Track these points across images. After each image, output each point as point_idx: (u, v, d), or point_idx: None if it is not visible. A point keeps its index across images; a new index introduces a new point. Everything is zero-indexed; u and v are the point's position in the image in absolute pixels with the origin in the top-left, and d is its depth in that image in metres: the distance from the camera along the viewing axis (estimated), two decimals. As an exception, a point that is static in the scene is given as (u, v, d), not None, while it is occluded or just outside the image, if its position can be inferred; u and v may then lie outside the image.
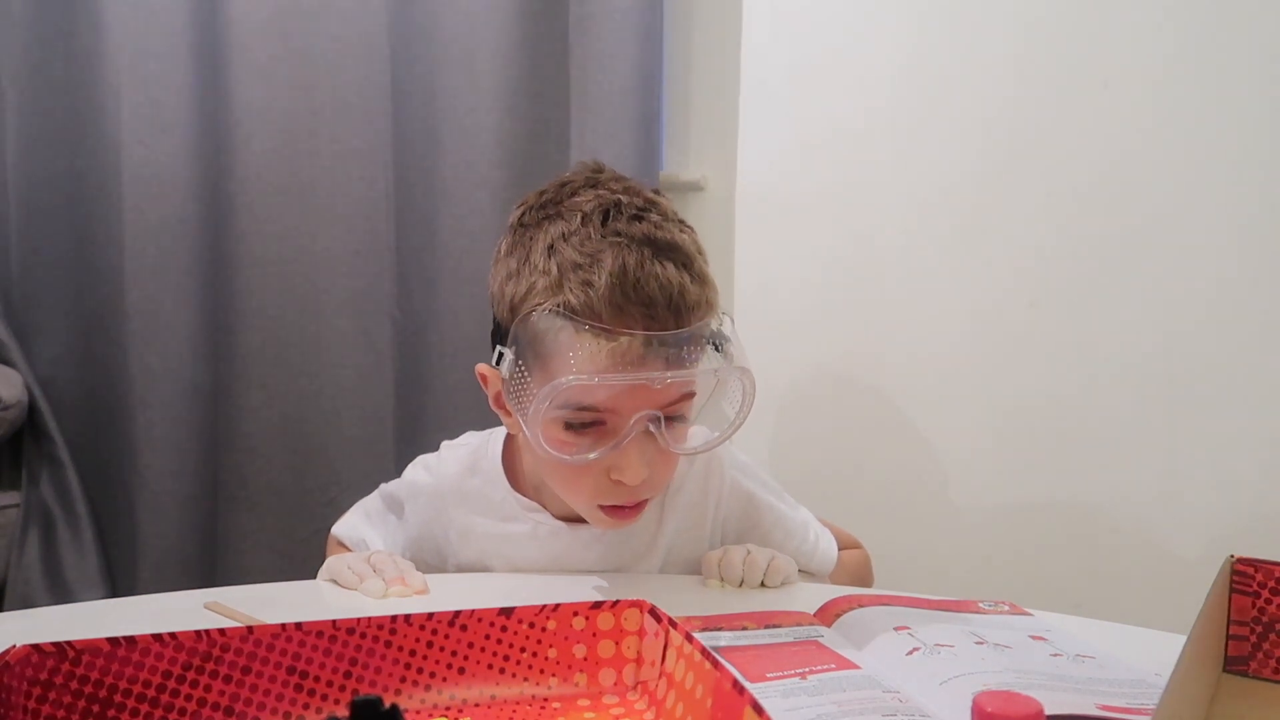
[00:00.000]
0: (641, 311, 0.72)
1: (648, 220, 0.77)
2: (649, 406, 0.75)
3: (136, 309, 1.52)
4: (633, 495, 0.79)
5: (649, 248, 0.74)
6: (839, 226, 1.58)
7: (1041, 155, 1.41)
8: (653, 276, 0.73)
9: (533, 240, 0.77)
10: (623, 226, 0.75)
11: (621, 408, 0.74)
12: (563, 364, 0.72)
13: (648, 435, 0.76)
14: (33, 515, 1.53)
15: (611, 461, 0.76)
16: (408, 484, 0.96)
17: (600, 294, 0.72)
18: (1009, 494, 1.47)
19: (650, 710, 0.56)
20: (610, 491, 0.78)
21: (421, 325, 1.65)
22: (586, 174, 0.83)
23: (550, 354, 0.73)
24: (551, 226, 0.77)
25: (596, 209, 0.77)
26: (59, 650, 0.49)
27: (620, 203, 0.77)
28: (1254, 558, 0.64)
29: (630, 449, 0.75)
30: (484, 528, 0.90)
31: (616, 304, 0.72)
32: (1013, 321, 1.44)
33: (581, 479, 0.78)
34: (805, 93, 1.60)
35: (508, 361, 0.75)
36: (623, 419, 0.75)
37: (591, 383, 0.71)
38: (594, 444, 0.76)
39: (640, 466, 0.76)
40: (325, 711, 0.53)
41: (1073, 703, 0.56)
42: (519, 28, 1.61)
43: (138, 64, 1.48)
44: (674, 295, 0.73)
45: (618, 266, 0.72)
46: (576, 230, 0.75)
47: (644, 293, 0.72)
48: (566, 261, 0.74)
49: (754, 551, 0.86)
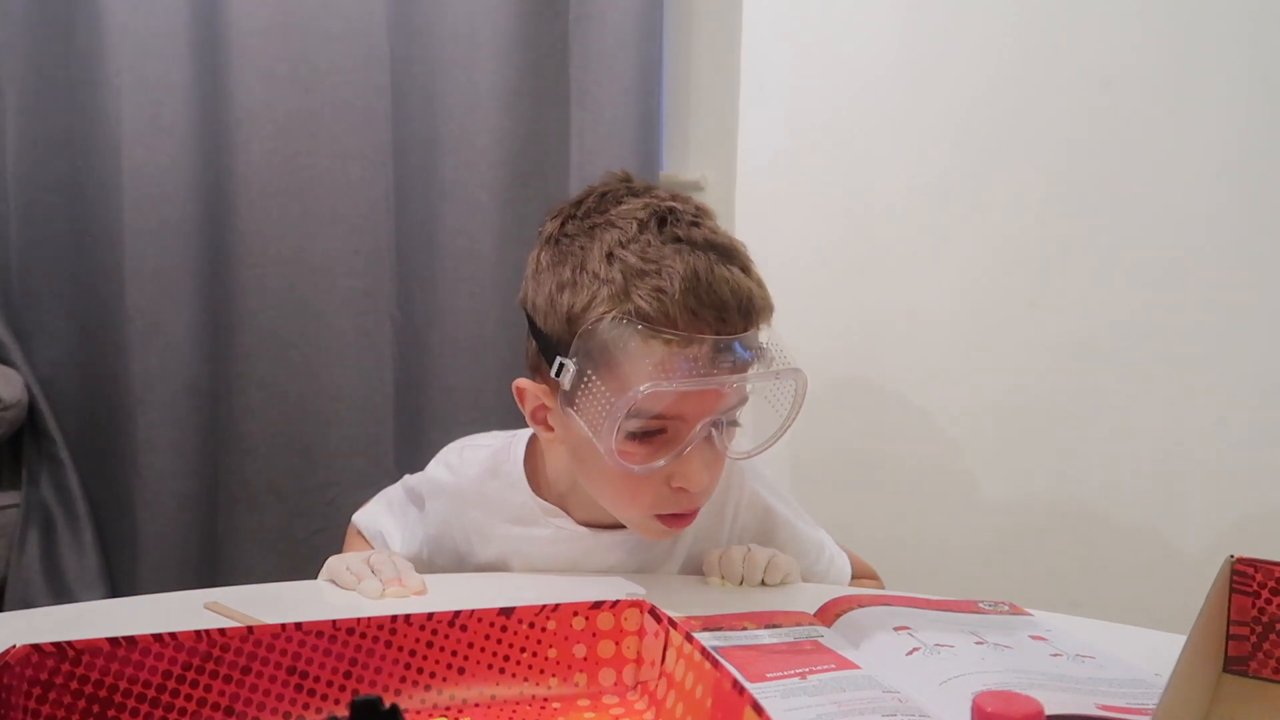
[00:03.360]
0: (714, 315, 0.73)
1: (704, 226, 0.77)
2: (715, 412, 0.75)
3: (136, 309, 1.52)
4: (692, 503, 0.79)
5: (713, 252, 0.74)
6: (839, 226, 1.57)
7: (1041, 155, 1.41)
8: (723, 280, 0.73)
9: (584, 250, 0.76)
10: (682, 232, 0.75)
11: (689, 414, 0.74)
12: (637, 372, 0.71)
13: (707, 441, 0.76)
14: (33, 515, 1.53)
15: (674, 469, 0.76)
16: (430, 480, 0.95)
17: (675, 299, 0.71)
18: (1009, 493, 1.47)
19: (650, 710, 0.56)
20: (670, 500, 0.78)
21: (421, 325, 1.65)
22: (620, 183, 0.82)
23: (621, 362, 0.72)
24: (604, 235, 0.76)
25: (651, 216, 0.76)
26: (59, 650, 0.49)
27: (675, 209, 0.77)
28: (1254, 558, 0.64)
29: (694, 456, 0.75)
30: (503, 531, 0.89)
31: (691, 309, 0.72)
32: (1012, 320, 1.44)
33: (642, 489, 0.78)
34: (805, 93, 1.60)
35: (571, 373, 0.73)
36: (688, 425, 0.74)
37: (676, 389, 0.71)
38: (656, 452, 0.75)
39: (703, 473, 0.76)
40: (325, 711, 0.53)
41: (1073, 703, 0.56)
42: (519, 28, 1.61)
43: (138, 64, 1.48)
44: (744, 299, 0.74)
45: (689, 272, 0.72)
46: (635, 238, 0.75)
47: (717, 297, 0.73)
48: (630, 269, 0.73)
49: (754, 550, 0.86)
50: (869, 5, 1.54)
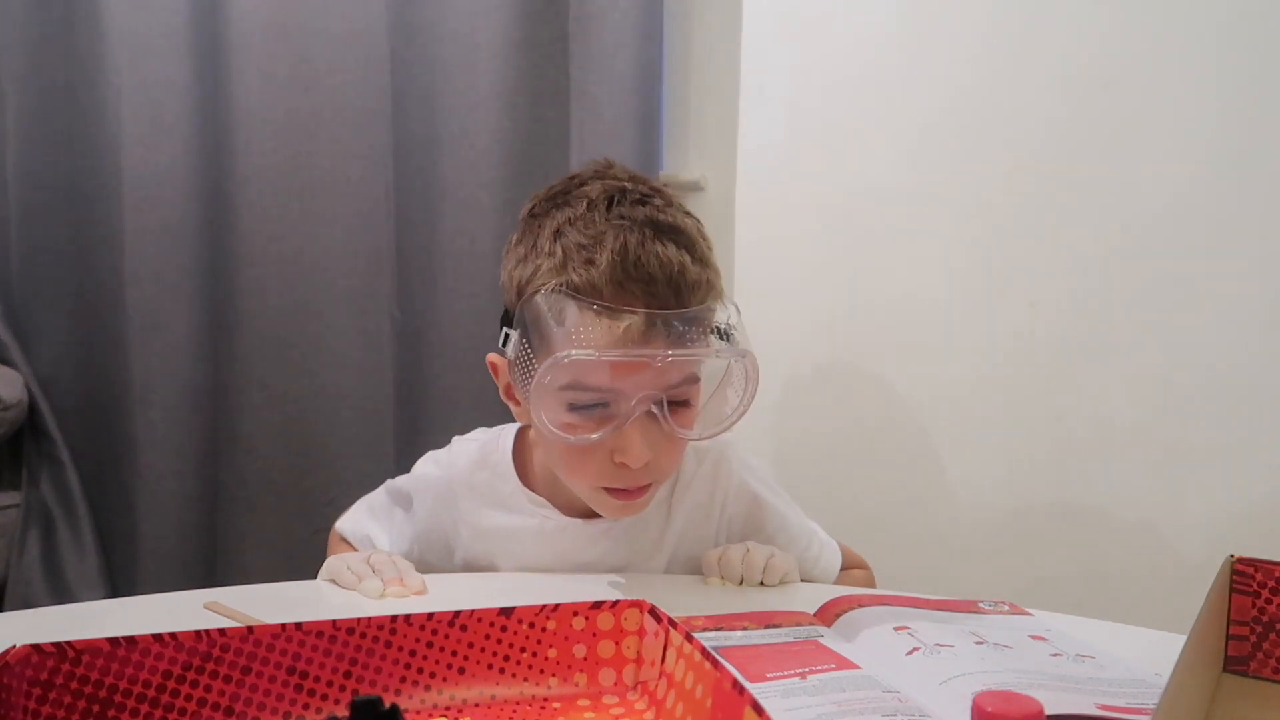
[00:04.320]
0: (642, 289, 0.73)
1: (651, 204, 0.78)
2: (651, 387, 0.75)
3: (137, 309, 1.52)
4: (635, 479, 0.79)
5: (650, 228, 0.75)
6: (838, 226, 1.58)
7: (1040, 154, 1.41)
8: (653, 255, 0.74)
9: (540, 227, 0.79)
10: (626, 210, 0.77)
11: (623, 387, 0.75)
12: (564, 341, 0.73)
13: (651, 418, 0.76)
14: (33, 515, 1.53)
15: (615, 443, 0.76)
16: (417, 478, 0.96)
17: (602, 271, 0.73)
18: (1009, 494, 1.47)
19: (650, 710, 0.56)
20: (613, 474, 0.79)
21: (421, 325, 1.65)
22: (596, 168, 0.84)
23: (552, 332, 0.74)
24: (559, 213, 0.78)
25: (601, 195, 0.78)
26: (59, 650, 0.49)
27: (625, 189, 0.79)
28: (1254, 558, 0.64)
29: (632, 430, 0.76)
30: (491, 520, 0.90)
31: (617, 281, 0.73)
32: (1013, 321, 1.44)
33: (585, 462, 0.79)
34: (805, 93, 1.60)
35: (513, 342, 0.76)
36: (625, 400, 0.75)
37: (592, 357, 0.72)
38: (596, 426, 0.76)
39: (643, 448, 0.76)
40: (325, 711, 0.53)
41: (1073, 703, 0.56)
42: (519, 28, 1.61)
43: (138, 64, 1.48)
44: (674, 273, 0.74)
45: (619, 245, 0.74)
46: (582, 215, 0.77)
47: (644, 270, 0.73)
48: (571, 244, 0.75)
49: (752, 549, 0.86)
50: (868, 6, 1.54)
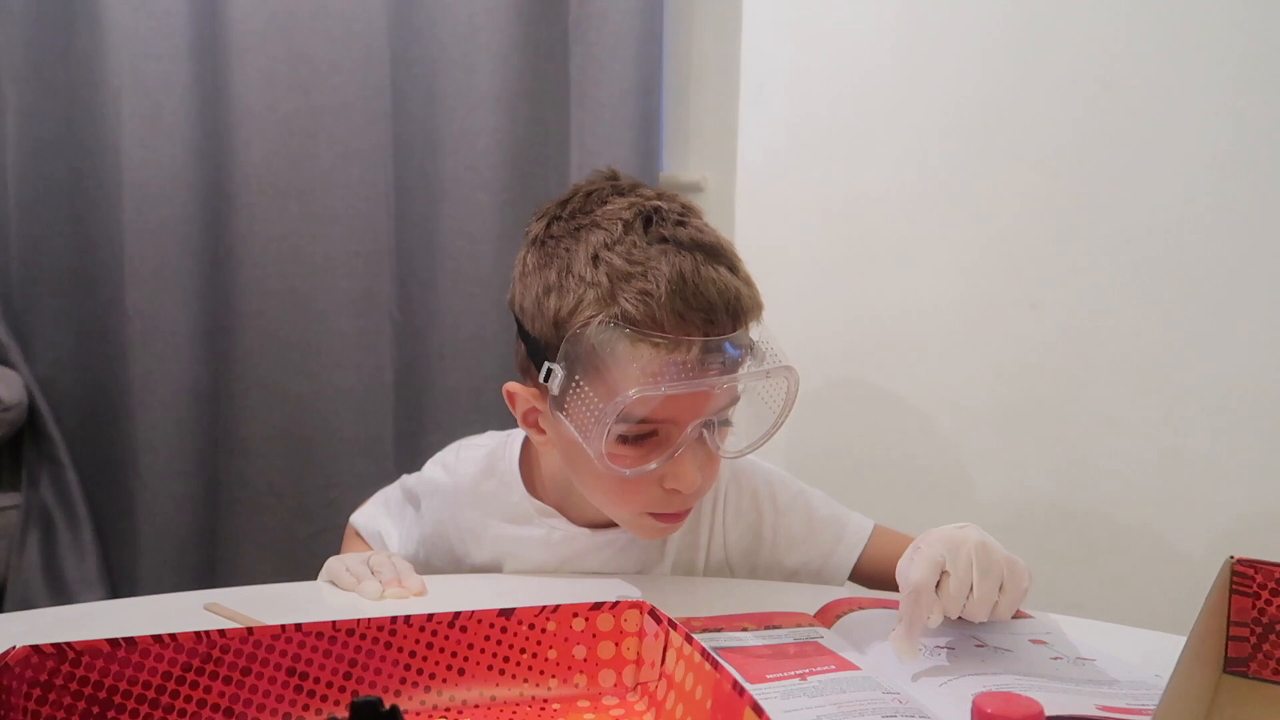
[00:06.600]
0: (701, 318, 0.72)
1: (690, 224, 0.76)
2: (705, 413, 0.74)
3: (136, 310, 1.52)
4: (685, 503, 0.79)
5: (700, 252, 0.73)
6: (838, 226, 1.57)
7: (1040, 154, 1.41)
8: (710, 281, 0.72)
9: (570, 252, 0.75)
10: (668, 232, 0.74)
11: (680, 416, 0.74)
12: (624, 377, 0.70)
13: (699, 441, 0.75)
14: (33, 516, 1.53)
15: (667, 470, 0.75)
16: (426, 480, 0.95)
17: (661, 302, 0.71)
18: (1009, 494, 1.47)
19: (650, 711, 0.56)
20: (664, 500, 0.78)
21: (421, 325, 1.65)
22: (606, 181, 0.81)
23: (609, 367, 0.71)
24: (590, 236, 0.75)
25: (637, 216, 0.75)
26: (59, 651, 0.49)
27: (660, 208, 0.76)
28: (1254, 558, 0.64)
29: (685, 457, 0.75)
30: (497, 530, 0.89)
31: (678, 311, 0.71)
32: (1013, 322, 1.44)
33: (635, 491, 0.77)
34: (805, 93, 1.60)
35: (559, 378, 0.72)
36: (679, 428, 0.74)
37: (661, 394, 0.70)
38: (648, 455, 0.75)
39: (695, 474, 0.75)
40: (325, 713, 0.53)
41: (1073, 704, 0.56)
42: (519, 29, 1.61)
43: (138, 65, 1.48)
44: (731, 299, 0.73)
45: (675, 273, 0.71)
46: (620, 239, 0.74)
47: (703, 299, 0.72)
48: (616, 271, 0.72)
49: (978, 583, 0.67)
50: (868, 5, 1.53)
